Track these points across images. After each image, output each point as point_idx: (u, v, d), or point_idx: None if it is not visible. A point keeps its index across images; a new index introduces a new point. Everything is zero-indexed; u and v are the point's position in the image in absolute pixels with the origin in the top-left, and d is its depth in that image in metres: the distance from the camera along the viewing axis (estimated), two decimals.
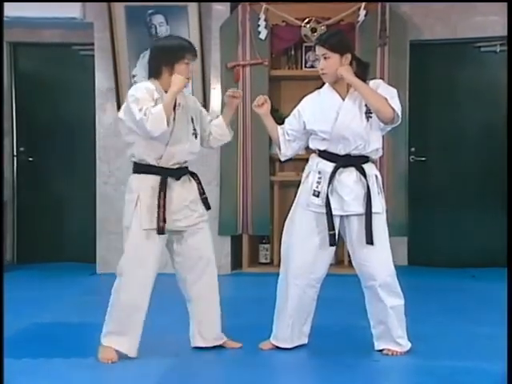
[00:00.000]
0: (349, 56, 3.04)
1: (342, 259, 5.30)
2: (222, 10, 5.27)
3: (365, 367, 2.98)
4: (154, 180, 2.96)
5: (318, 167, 3.08)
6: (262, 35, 5.18)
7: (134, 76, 5.20)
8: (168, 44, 3.04)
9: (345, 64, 3.03)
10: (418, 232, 5.34)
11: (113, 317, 2.97)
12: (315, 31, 5.21)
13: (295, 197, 3.19)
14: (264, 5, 5.15)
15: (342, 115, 3.02)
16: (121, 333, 2.95)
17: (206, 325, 3.13)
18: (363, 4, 5.05)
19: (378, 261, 3.05)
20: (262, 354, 3.13)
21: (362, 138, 3.02)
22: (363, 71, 3.09)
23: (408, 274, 5.08)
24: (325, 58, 3.04)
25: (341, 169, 3.04)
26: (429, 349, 3.17)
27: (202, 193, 3.10)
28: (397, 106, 3.03)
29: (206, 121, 3.19)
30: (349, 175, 3.04)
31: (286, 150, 3.21)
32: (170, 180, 2.98)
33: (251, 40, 5.17)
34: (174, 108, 2.95)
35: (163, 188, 2.94)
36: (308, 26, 5.22)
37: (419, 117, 5.31)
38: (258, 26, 5.17)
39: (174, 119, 2.94)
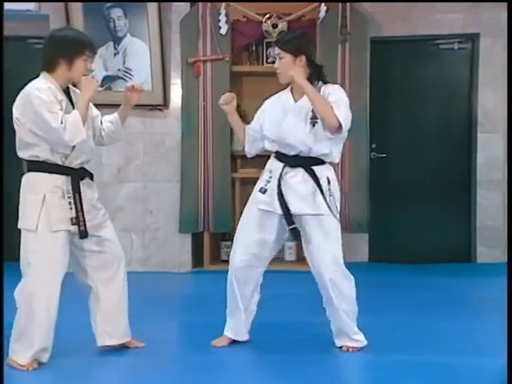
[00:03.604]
0: (303, 58, 3.04)
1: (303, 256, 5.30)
2: (181, 5, 5.20)
3: (327, 363, 2.99)
4: (59, 180, 2.87)
5: (270, 166, 3.15)
6: (223, 30, 5.13)
7: (91, 71, 5.08)
8: (68, 36, 2.94)
9: (298, 65, 3.02)
10: (379, 229, 5.37)
11: (29, 328, 2.83)
12: (276, 27, 5.20)
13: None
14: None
15: (287, 121, 3.06)
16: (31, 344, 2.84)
17: (113, 322, 3.07)
18: None
19: (324, 262, 3.05)
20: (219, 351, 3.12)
21: (304, 144, 3.04)
22: (316, 74, 3.09)
23: (369, 271, 5.16)
24: (279, 58, 3.06)
25: (288, 169, 3.07)
26: (389, 344, 3.20)
27: None
28: (342, 115, 2.97)
29: (95, 116, 3.09)
30: (294, 176, 3.07)
31: (249, 149, 3.31)
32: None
33: (212, 35, 5.11)
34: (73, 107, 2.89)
35: (76, 189, 2.87)
36: (269, 21, 5.21)
37: (380, 113, 5.34)
38: (219, 21, 5.12)
39: None
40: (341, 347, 3.13)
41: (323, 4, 5.05)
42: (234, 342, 3.22)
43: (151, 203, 5.27)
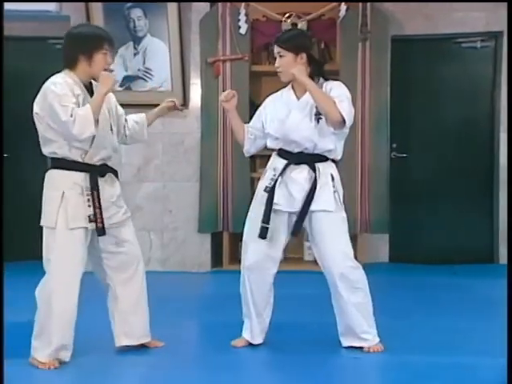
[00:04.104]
0: (304, 55, 3.04)
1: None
2: (201, 4, 5.21)
3: (343, 364, 2.98)
4: (79, 177, 2.88)
5: (274, 164, 3.13)
6: (243, 30, 5.12)
7: (111, 71, 5.11)
8: (85, 32, 2.96)
9: (299, 63, 3.03)
10: (400, 229, 5.33)
11: (48, 325, 2.84)
12: (296, 26, 5.17)
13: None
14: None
15: (291, 117, 3.05)
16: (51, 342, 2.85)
17: (131, 323, 3.07)
18: None
19: (333, 258, 3.04)
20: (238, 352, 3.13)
21: (309, 140, 3.03)
22: (317, 70, 3.09)
23: (389, 272, 5.13)
24: (280, 56, 3.06)
25: (293, 166, 3.07)
26: (410, 345, 3.17)
27: None
28: (345, 110, 2.97)
29: (120, 114, 3.13)
30: (300, 172, 3.06)
31: (249, 147, 3.29)
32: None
33: (231, 35, 5.11)
34: None
35: (95, 186, 2.87)
36: (289, 21, 5.18)
37: (400, 112, 5.30)
38: (239, 20, 5.12)
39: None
40: (361, 348, 3.10)
41: (343, 3, 5.03)
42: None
43: (170, 203, 5.28)
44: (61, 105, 2.75)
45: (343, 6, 5.02)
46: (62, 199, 2.83)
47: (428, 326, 3.50)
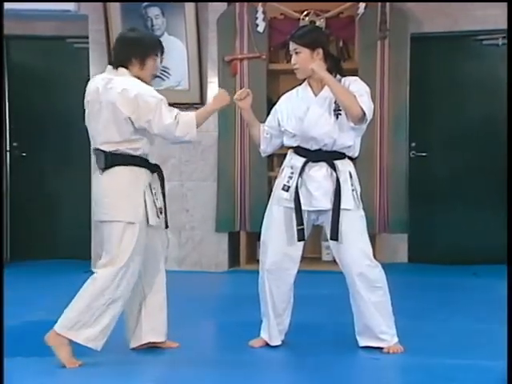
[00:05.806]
0: (320, 51, 3.03)
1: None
2: (219, 3, 5.19)
3: (361, 365, 2.95)
4: (147, 174, 2.97)
5: (291, 162, 3.10)
6: (260, 28, 5.11)
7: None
8: (142, 37, 3.02)
9: (316, 59, 3.01)
10: (419, 229, 5.28)
11: (92, 310, 2.85)
12: (314, 24, 5.14)
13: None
14: None
15: (310, 113, 3.02)
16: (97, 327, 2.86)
17: (158, 320, 3.09)
18: None
19: (351, 257, 3.02)
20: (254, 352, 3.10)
21: (329, 136, 3.00)
22: (334, 66, 3.08)
23: (408, 271, 5.09)
24: (296, 53, 3.05)
25: (311, 163, 3.04)
26: (429, 346, 3.13)
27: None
28: (365, 104, 2.96)
29: None
30: (318, 170, 3.04)
31: (265, 147, 3.26)
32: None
33: (249, 33, 5.10)
34: None
35: (162, 183, 3.03)
36: (307, 18, 5.15)
37: (420, 111, 5.24)
38: (256, 18, 5.11)
39: None
40: (381, 348, 3.06)
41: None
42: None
43: (188, 202, 5.27)
44: (166, 107, 2.86)
45: (362, 4, 4.99)
46: (144, 195, 2.91)
47: (447, 327, 3.46)
